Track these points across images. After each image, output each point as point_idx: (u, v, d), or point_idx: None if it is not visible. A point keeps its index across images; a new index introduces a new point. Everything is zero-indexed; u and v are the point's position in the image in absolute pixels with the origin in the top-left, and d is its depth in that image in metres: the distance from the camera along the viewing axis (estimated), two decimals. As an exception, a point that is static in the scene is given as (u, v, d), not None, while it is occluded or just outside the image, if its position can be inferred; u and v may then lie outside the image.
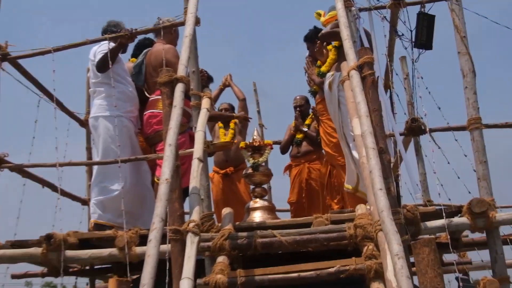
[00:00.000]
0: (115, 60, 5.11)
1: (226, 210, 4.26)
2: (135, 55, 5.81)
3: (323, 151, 6.20)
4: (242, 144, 5.38)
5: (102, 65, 5.08)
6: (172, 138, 3.46)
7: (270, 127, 7.34)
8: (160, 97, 5.11)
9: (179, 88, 3.75)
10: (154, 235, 2.97)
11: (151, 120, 5.25)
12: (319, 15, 5.75)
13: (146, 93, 5.43)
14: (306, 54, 6.22)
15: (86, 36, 4.95)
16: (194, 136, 5.05)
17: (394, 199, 3.66)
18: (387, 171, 3.61)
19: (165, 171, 3.28)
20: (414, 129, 4.90)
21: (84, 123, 6.09)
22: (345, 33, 4.14)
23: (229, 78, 6.93)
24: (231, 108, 7.07)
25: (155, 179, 5.09)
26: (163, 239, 3.14)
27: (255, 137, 5.29)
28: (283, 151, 6.96)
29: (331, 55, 5.64)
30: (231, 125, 6.87)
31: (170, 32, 5.47)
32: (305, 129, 6.71)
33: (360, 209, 3.96)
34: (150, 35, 5.73)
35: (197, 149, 3.83)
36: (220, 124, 6.93)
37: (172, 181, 3.34)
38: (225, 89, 7.01)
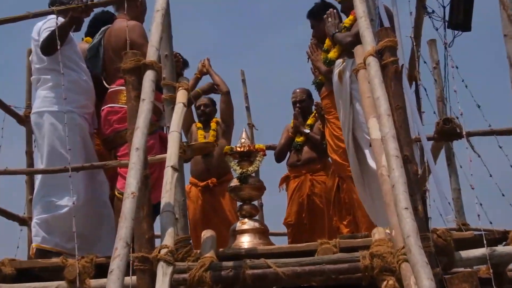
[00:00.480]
0: (65, 39, 5.10)
1: (206, 233, 4.27)
2: (90, 33, 5.80)
3: (329, 159, 6.23)
4: (226, 149, 5.41)
5: (48, 46, 5.07)
6: (140, 140, 3.49)
7: (263, 128, 7.38)
8: (123, 87, 5.14)
9: (149, 76, 3.78)
10: (117, 264, 2.99)
11: (111, 117, 5.25)
12: None
13: (104, 82, 5.43)
14: (310, 36, 6.26)
15: (28, 8, 4.98)
16: (165, 138, 5.10)
17: (423, 222, 3.69)
18: (413, 185, 3.65)
19: (131, 182, 3.30)
20: (447, 132, 4.93)
21: (23, 120, 6.08)
22: (360, 9, 4.18)
23: (207, 63, 6.95)
24: (212, 104, 7.11)
25: (116, 193, 5.10)
26: (126, 270, 3.15)
27: (243, 140, 5.32)
28: (279, 158, 7.00)
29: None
30: (212, 125, 6.90)
31: (135, 5, 5.44)
32: (307, 130, 6.76)
33: (378, 233, 3.99)
34: (110, 8, 5.74)
35: (171, 155, 3.85)
36: (198, 124, 6.96)
37: (140, 195, 3.36)
38: (201, 77, 7.03)
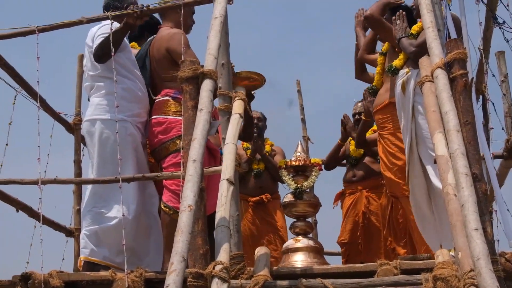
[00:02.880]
0: (119, 46, 5.16)
1: (260, 250, 4.31)
2: (133, 38, 5.86)
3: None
4: (281, 163, 5.44)
5: (102, 53, 5.14)
6: (197, 151, 3.53)
7: (318, 141, 7.38)
8: (167, 98, 5.24)
9: (207, 86, 3.82)
10: (173, 280, 3.03)
11: (156, 129, 5.28)
12: None
13: (151, 93, 5.48)
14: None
15: (83, 13, 5.05)
16: (212, 149, 5.17)
17: (491, 244, 3.67)
18: (482, 205, 3.63)
19: (188, 195, 3.34)
20: (517, 151, 4.90)
21: (72, 128, 6.20)
22: (427, 19, 4.18)
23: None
24: (264, 119, 7.20)
25: (162, 206, 5.15)
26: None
27: (298, 154, 5.34)
28: (328, 165, 7.01)
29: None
30: (267, 147, 7.00)
31: (175, 11, 5.46)
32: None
33: (442, 255, 3.97)
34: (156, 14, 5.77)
35: (227, 168, 3.89)
36: (245, 144, 7.04)
37: (195, 209, 3.40)
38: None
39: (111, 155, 5.04)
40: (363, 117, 6.57)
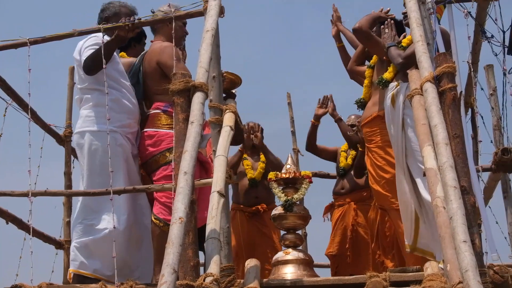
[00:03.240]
0: (110, 58, 5.16)
1: (250, 262, 4.33)
2: (123, 47, 5.82)
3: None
4: (271, 175, 5.45)
5: (92, 64, 5.12)
6: (188, 164, 3.56)
7: (308, 154, 7.40)
8: (157, 111, 5.27)
9: (198, 98, 3.85)
10: (163, 292, 3.04)
11: (146, 142, 5.29)
12: None
13: (145, 107, 5.50)
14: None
15: (75, 25, 5.07)
16: (204, 162, 5.19)
17: (479, 256, 3.70)
18: (471, 218, 3.66)
19: (179, 207, 3.37)
20: (506, 163, 4.93)
21: (63, 140, 6.21)
22: (417, 33, 4.23)
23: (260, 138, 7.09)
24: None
25: (152, 218, 5.16)
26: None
27: (288, 166, 5.35)
28: (307, 146, 7.15)
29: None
30: (262, 157, 7.01)
31: (166, 24, 5.49)
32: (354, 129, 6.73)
33: (431, 267, 4.00)
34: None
35: (217, 180, 3.92)
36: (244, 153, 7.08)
37: (186, 221, 3.42)
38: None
39: (100, 167, 5.03)
40: (359, 148, 6.61)
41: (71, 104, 6.19)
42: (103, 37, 5.10)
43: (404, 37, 5.53)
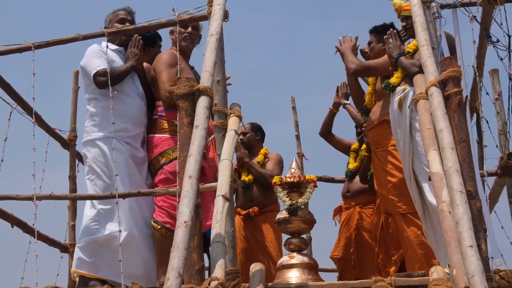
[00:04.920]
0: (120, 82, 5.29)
1: (255, 266, 4.31)
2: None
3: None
4: (275, 179, 5.43)
5: (105, 84, 5.17)
6: (193, 168, 3.55)
7: (313, 158, 7.39)
8: (156, 116, 5.38)
9: (203, 102, 3.84)
10: (168, 296, 3.03)
11: (147, 147, 5.42)
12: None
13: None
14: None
15: (79, 29, 5.08)
16: (207, 166, 5.18)
17: (486, 261, 3.68)
18: (477, 223, 3.64)
19: (184, 211, 3.35)
20: (511, 167, 4.92)
21: (67, 144, 6.23)
22: (422, 37, 4.22)
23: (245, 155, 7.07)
24: (251, 129, 7.15)
25: (152, 222, 5.17)
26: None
27: (293, 170, 5.33)
28: (322, 133, 7.13)
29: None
30: (260, 157, 6.98)
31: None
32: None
33: (436, 272, 3.98)
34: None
35: (222, 184, 3.91)
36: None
37: (191, 225, 3.41)
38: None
39: (100, 173, 5.13)
40: (365, 154, 6.59)
41: (75, 108, 6.22)
42: (107, 41, 5.21)
43: (409, 42, 5.51)
